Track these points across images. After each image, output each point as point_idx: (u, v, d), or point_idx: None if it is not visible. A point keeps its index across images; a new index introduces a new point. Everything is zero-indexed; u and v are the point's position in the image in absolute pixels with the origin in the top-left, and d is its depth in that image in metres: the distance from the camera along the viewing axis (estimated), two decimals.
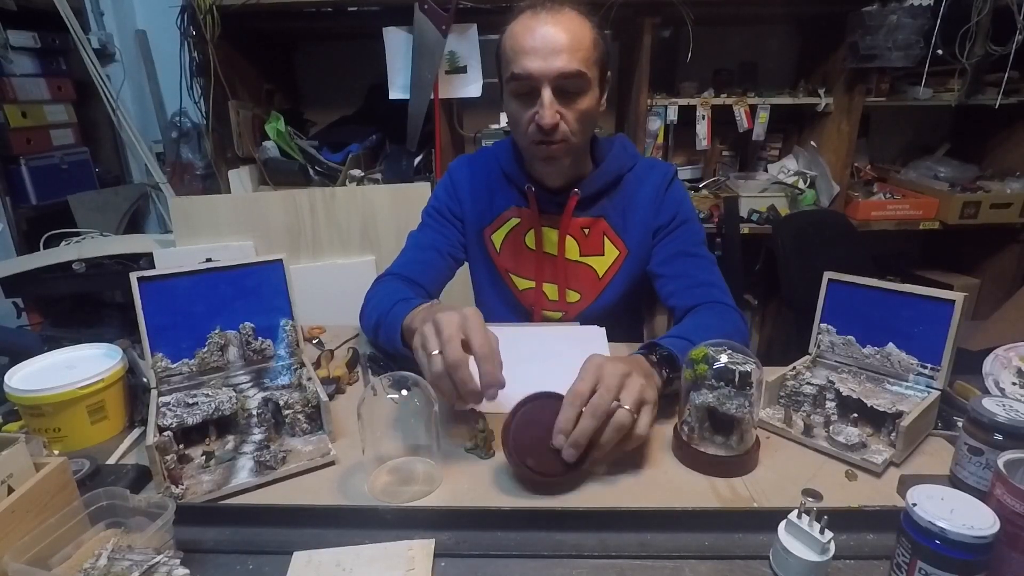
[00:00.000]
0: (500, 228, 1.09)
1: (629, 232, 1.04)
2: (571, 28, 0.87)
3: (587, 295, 1.08)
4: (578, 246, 1.06)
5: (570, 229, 1.04)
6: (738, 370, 0.64)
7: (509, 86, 0.92)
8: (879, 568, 0.52)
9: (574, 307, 1.09)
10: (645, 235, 1.03)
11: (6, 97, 2.02)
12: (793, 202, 2.17)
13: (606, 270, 1.06)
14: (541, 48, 0.86)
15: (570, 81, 0.88)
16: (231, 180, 1.95)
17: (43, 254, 1.90)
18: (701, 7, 1.82)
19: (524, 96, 0.91)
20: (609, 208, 1.04)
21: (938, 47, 1.87)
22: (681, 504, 0.58)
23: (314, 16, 1.91)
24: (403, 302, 0.86)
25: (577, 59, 0.87)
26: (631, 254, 1.05)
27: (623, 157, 1.04)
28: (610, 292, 1.07)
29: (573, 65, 0.87)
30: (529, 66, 0.87)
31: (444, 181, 1.13)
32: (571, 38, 0.87)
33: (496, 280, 1.12)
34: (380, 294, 0.95)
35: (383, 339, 0.88)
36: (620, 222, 1.04)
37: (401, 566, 0.52)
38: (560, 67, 0.86)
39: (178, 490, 0.62)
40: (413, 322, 0.79)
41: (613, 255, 1.05)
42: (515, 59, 0.88)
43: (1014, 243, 2.22)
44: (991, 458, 0.56)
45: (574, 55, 0.87)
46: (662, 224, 1.03)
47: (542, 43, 0.86)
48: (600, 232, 1.05)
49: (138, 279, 0.74)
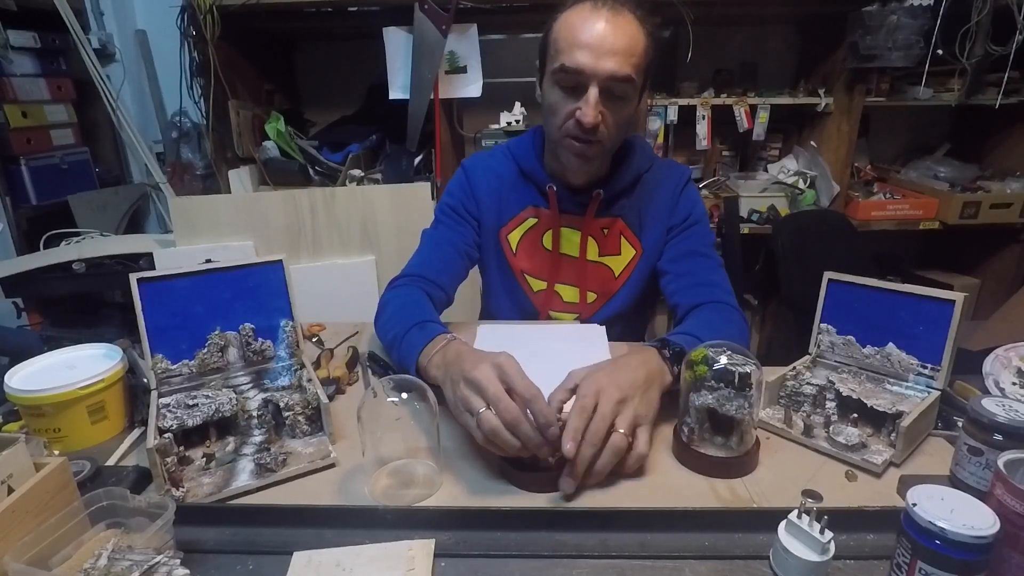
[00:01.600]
0: (516, 228, 1.08)
1: (645, 232, 1.04)
2: (629, 31, 0.86)
3: (603, 295, 1.08)
4: (597, 246, 1.05)
5: (591, 230, 1.04)
6: (738, 371, 0.64)
7: (555, 76, 0.89)
8: (879, 568, 0.52)
9: (590, 308, 1.08)
10: (660, 235, 1.03)
11: (6, 97, 2.02)
12: (793, 202, 2.17)
13: (622, 270, 1.06)
14: (597, 46, 0.84)
15: (618, 85, 0.86)
16: (231, 180, 1.95)
17: (43, 254, 1.90)
18: (701, 7, 1.82)
19: (568, 89, 0.89)
20: (627, 208, 1.04)
21: (938, 47, 1.87)
22: (681, 504, 0.58)
23: (314, 16, 1.91)
24: (418, 328, 0.81)
25: (630, 64, 0.85)
26: (646, 253, 1.04)
27: (642, 158, 1.04)
28: (625, 292, 1.07)
29: (625, 70, 0.85)
30: (582, 61, 0.85)
31: (459, 179, 1.10)
32: (628, 42, 0.85)
33: (511, 282, 1.11)
34: (395, 305, 0.91)
35: (396, 360, 0.85)
36: (636, 222, 1.04)
37: (401, 566, 0.52)
38: (612, 69, 0.84)
39: (179, 493, 0.62)
40: (430, 367, 0.74)
41: (629, 255, 1.05)
42: (567, 51, 0.86)
43: (1014, 243, 2.22)
44: (991, 458, 0.56)
45: (627, 59, 0.85)
46: (675, 223, 1.03)
47: (598, 41, 0.84)
48: (617, 232, 1.05)
49: (138, 280, 0.74)
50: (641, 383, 0.68)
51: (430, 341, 0.77)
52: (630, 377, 0.67)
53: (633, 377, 0.68)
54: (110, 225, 2.29)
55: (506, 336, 1.03)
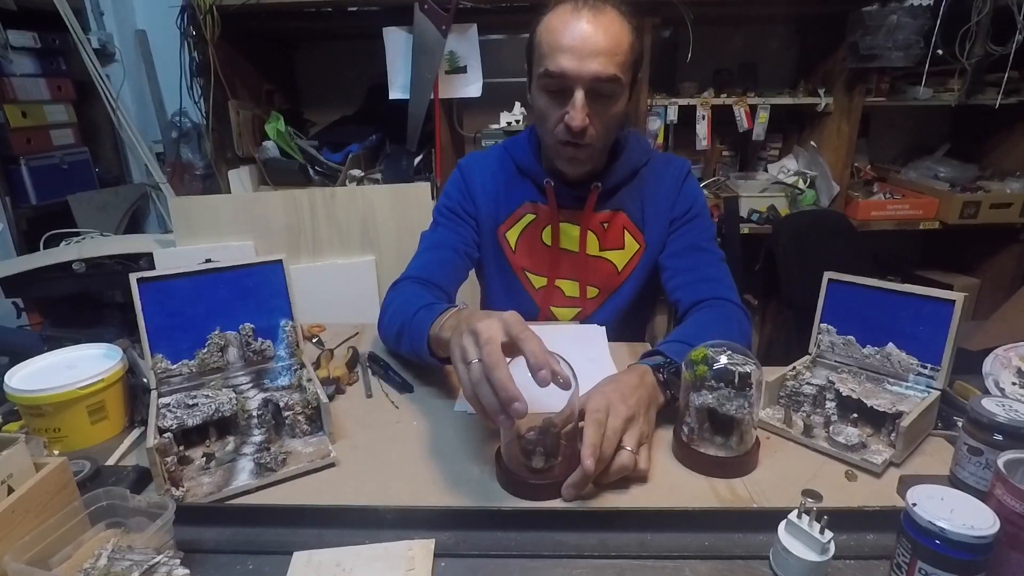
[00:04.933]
0: (515, 225, 1.07)
1: (648, 226, 1.04)
2: (611, 30, 0.85)
3: (605, 290, 1.07)
4: (598, 241, 1.05)
5: (590, 224, 1.04)
6: (738, 371, 0.64)
7: (540, 81, 0.89)
8: (879, 568, 0.52)
9: (592, 303, 1.08)
10: (662, 228, 1.03)
11: (6, 97, 2.02)
12: (793, 202, 2.17)
13: (625, 264, 1.06)
14: (579, 48, 0.84)
15: (604, 85, 0.86)
16: (231, 180, 1.95)
17: (43, 254, 1.90)
18: (701, 7, 1.82)
19: (555, 93, 0.89)
20: (628, 201, 1.04)
21: (938, 47, 1.87)
22: (681, 504, 0.58)
23: (314, 16, 1.91)
24: (425, 308, 0.81)
25: (614, 63, 0.85)
26: (649, 248, 1.04)
27: (639, 151, 1.04)
28: (628, 287, 1.06)
29: (610, 70, 0.85)
30: (565, 65, 0.84)
31: (455, 179, 1.10)
32: (611, 41, 0.85)
33: (511, 279, 1.10)
34: (399, 301, 0.91)
35: (407, 348, 0.85)
36: (639, 215, 1.04)
37: (401, 566, 0.52)
38: (597, 71, 0.84)
39: (178, 492, 0.61)
40: (442, 331, 0.74)
41: (633, 249, 1.05)
42: (550, 55, 0.86)
43: (1014, 243, 2.23)
44: (991, 458, 0.56)
45: (612, 59, 0.85)
46: (676, 216, 1.03)
47: (581, 43, 0.84)
48: (620, 226, 1.04)
49: (138, 280, 0.74)
50: (644, 402, 0.69)
51: (440, 314, 0.77)
52: (635, 396, 0.68)
53: (637, 396, 0.68)
54: (110, 225, 2.29)
55: None
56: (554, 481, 0.61)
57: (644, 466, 0.64)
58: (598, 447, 0.60)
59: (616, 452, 0.62)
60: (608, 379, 0.72)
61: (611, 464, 0.62)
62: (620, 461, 0.62)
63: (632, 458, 0.62)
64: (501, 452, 0.65)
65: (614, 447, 0.62)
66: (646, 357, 0.78)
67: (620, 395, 0.66)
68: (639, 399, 0.68)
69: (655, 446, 0.70)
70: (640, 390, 0.70)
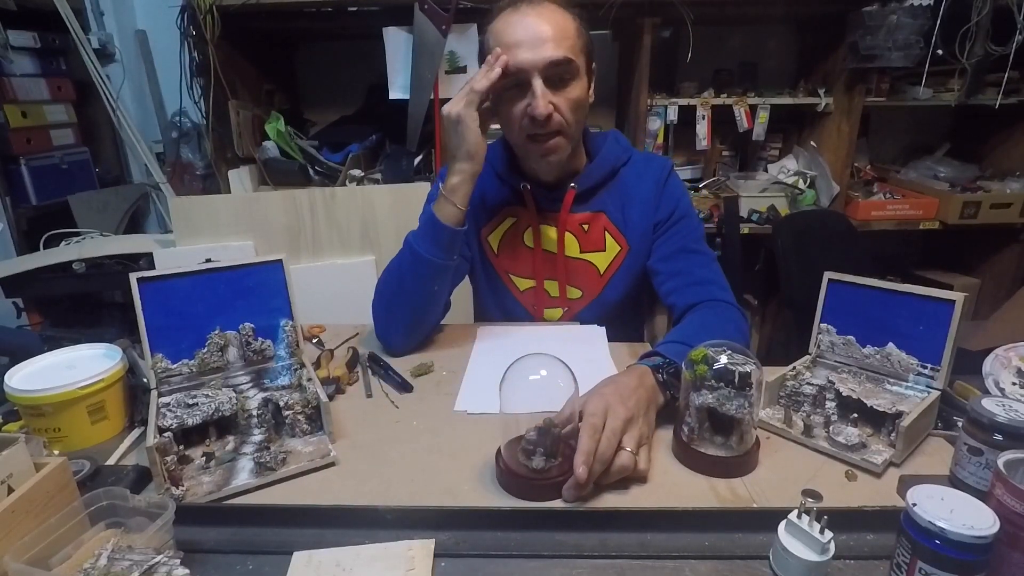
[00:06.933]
0: (496, 229, 1.08)
1: (630, 227, 1.04)
2: (553, 18, 0.89)
3: (588, 292, 1.07)
4: (578, 242, 1.05)
5: (569, 225, 1.04)
6: (738, 371, 0.64)
7: (499, 85, 0.90)
8: (879, 568, 0.52)
9: (576, 304, 1.08)
10: (646, 230, 1.03)
11: (6, 97, 2.01)
12: (793, 202, 2.17)
13: (607, 266, 1.06)
14: (527, 39, 0.87)
15: (560, 69, 0.88)
16: (231, 180, 1.95)
17: (43, 254, 1.90)
18: (701, 7, 1.82)
19: (515, 92, 0.91)
20: (608, 202, 1.04)
21: (938, 47, 1.87)
22: (681, 504, 0.58)
23: (314, 16, 1.91)
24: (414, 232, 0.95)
25: (564, 47, 0.88)
26: (632, 250, 1.04)
27: (617, 150, 1.04)
28: (612, 288, 1.06)
29: (561, 52, 0.87)
30: (519, 57, 0.87)
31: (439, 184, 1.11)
32: (555, 27, 0.88)
33: (495, 282, 1.11)
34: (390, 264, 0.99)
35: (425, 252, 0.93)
36: (620, 217, 1.04)
37: (401, 566, 0.52)
38: (549, 55, 0.87)
39: (178, 491, 0.62)
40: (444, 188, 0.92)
41: (615, 251, 1.05)
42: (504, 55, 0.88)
43: (1014, 243, 2.22)
44: (991, 458, 0.56)
45: (561, 43, 0.88)
46: (661, 219, 1.03)
47: (527, 35, 0.87)
48: (601, 227, 1.04)
49: (138, 280, 0.74)
50: (644, 403, 0.69)
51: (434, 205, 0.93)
52: (634, 397, 0.68)
53: (636, 397, 0.69)
54: (110, 225, 2.29)
55: (505, 337, 1.03)
56: (554, 481, 0.61)
57: (644, 467, 0.64)
58: (591, 455, 0.60)
59: (616, 453, 0.62)
60: (607, 380, 0.72)
61: (611, 465, 0.62)
62: (620, 462, 0.62)
63: (632, 459, 0.63)
64: (501, 452, 0.65)
65: (613, 448, 0.62)
66: (645, 358, 0.78)
67: (619, 396, 0.67)
68: (638, 400, 0.68)
69: (655, 446, 0.70)
70: (639, 391, 0.70)
